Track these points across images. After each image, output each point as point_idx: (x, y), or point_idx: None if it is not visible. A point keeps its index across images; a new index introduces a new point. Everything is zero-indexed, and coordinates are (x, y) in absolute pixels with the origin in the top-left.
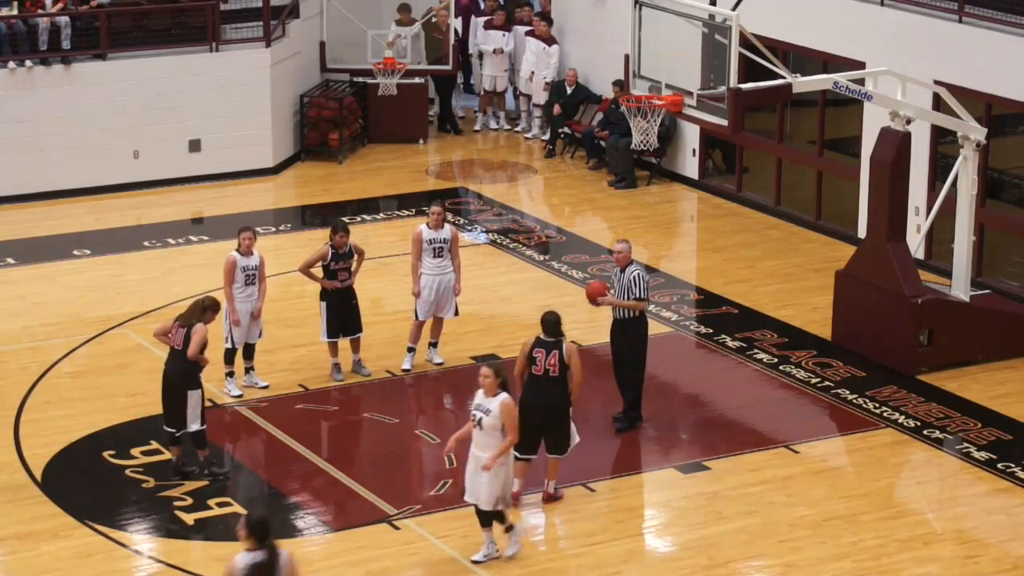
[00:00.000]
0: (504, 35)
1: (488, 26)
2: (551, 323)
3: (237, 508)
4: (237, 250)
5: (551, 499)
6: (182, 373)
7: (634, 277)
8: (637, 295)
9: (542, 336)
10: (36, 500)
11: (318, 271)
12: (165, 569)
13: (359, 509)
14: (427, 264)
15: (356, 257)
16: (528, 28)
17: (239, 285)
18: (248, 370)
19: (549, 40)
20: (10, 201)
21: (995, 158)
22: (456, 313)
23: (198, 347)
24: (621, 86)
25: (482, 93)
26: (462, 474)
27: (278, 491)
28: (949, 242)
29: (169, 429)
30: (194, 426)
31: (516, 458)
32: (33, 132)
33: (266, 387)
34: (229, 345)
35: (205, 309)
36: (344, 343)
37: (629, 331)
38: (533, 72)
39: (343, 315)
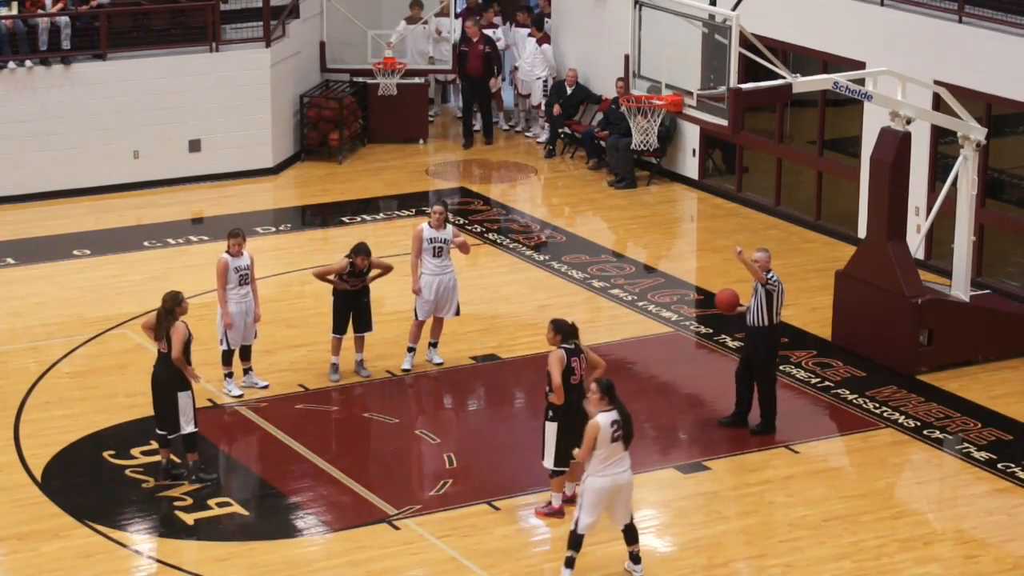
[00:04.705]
0: (493, 32)
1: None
2: (572, 329)
3: (237, 508)
4: (227, 252)
5: (574, 501)
6: (171, 375)
7: (774, 278)
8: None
9: (568, 345)
10: (36, 500)
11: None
12: (165, 569)
13: (359, 509)
14: (427, 264)
15: (381, 271)
16: (528, 30)
17: (232, 286)
18: (247, 371)
19: (542, 40)
20: (10, 201)
21: (995, 158)
22: (457, 313)
23: (180, 347)
24: None
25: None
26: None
27: (278, 491)
28: (949, 242)
29: (160, 432)
30: (187, 428)
31: (558, 473)
32: (33, 132)
33: (266, 387)
34: (225, 347)
35: (170, 312)
36: (348, 342)
37: (761, 343)
38: (529, 71)
39: (351, 312)
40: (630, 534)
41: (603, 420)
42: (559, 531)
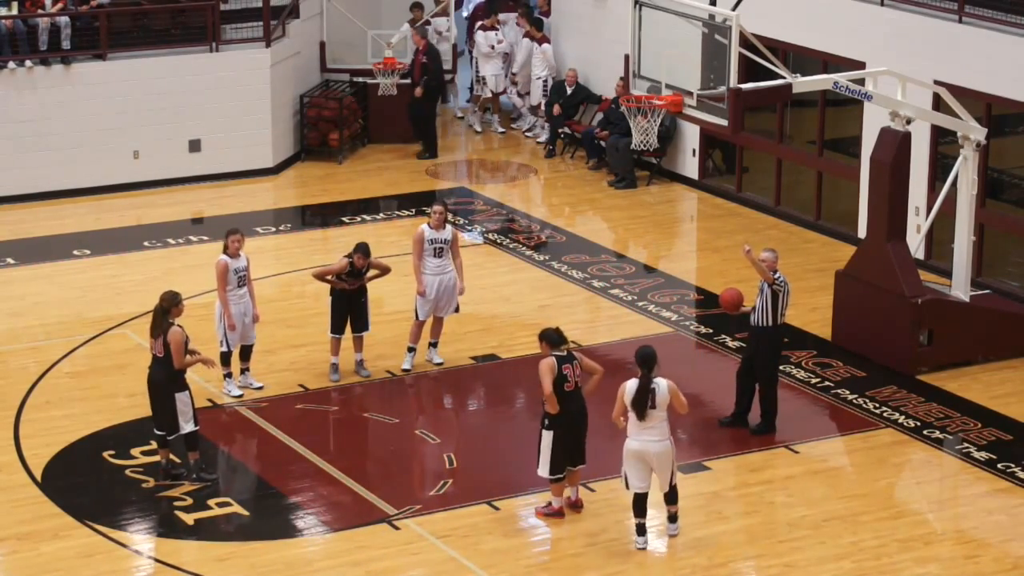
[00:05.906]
0: (496, 34)
1: (481, 28)
2: (559, 336)
3: (237, 508)
4: (225, 253)
5: (578, 506)
6: (166, 377)
7: (781, 279)
8: (774, 280)
9: (559, 352)
10: (36, 500)
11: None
12: (165, 569)
13: (359, 509)
14: (428, 264)
15: (379, 271)
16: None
17: (232, 287)
18: (243, 371)
19: (540, 40)
20: (10, 201)
21: (995, 158)
22: (456, 309)
23: (180, 357)
24: None
25: (486, 95)
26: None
27: (278, 491)
28: (949, 242)
29: (159, 432)
30: (187, 427)
31: (557, 478)
32: (33, 132)
33: (260, 388)
34: (225, 348)
35: (166, 312)
36: (347, 342)
37: (764, 343)
38: (527, 71)
39: (349, 311)
40: (669, 495)
41: (630, 386)
42: (559, 531)
